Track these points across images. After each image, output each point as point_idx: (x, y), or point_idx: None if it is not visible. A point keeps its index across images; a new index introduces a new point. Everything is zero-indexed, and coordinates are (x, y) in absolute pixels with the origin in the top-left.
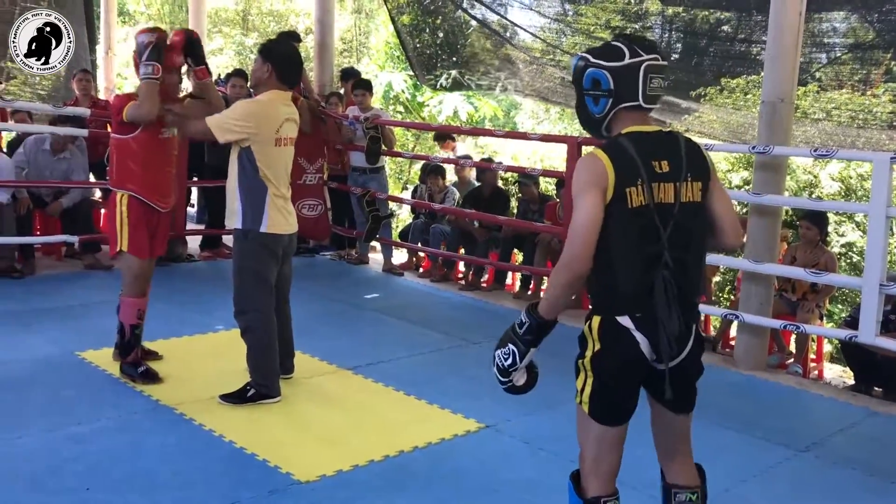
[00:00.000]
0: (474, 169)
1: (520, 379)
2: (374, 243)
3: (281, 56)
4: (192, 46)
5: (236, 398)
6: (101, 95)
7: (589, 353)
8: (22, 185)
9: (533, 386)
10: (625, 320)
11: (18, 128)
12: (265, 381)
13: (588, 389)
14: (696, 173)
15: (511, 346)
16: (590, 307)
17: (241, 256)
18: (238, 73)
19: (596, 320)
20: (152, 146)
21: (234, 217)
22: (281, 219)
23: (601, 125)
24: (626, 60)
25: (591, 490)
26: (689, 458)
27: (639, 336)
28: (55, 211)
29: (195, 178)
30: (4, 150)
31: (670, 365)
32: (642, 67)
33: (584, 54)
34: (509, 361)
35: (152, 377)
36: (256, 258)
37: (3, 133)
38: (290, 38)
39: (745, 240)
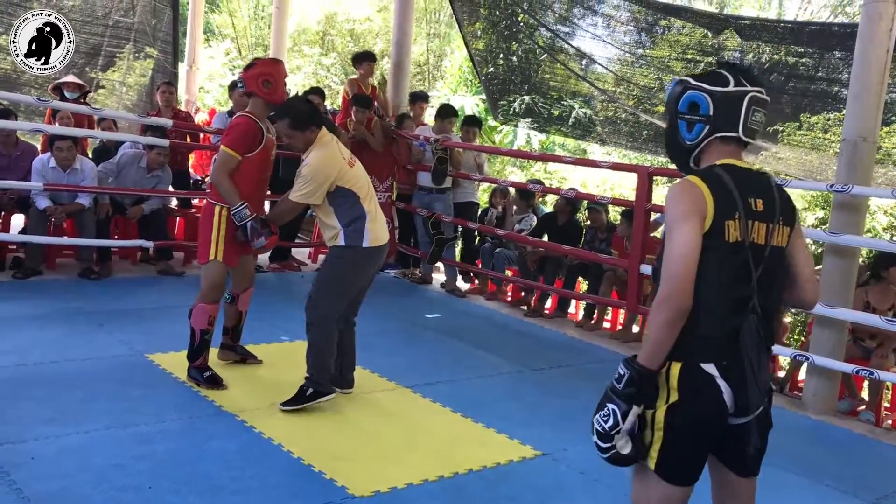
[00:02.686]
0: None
1: (625, 446)
2: (438, 263)
3: (289, 109)
4: None
5: (296, 402)
6: (183, 107)
7: (662, 404)
8: (106, 191)
9: (642, 455)
10: (710, 367)
11: (104, 135)
12: (321, 376)
13: (658, 444)
14: (787, 218)
15: (611, 406)
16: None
17: (333, 266)
18: (315, 91)
19: (676, 367)
20: (262, 165)
21: (333, 238)
22: (379, 230)
23: (691, 154)
24: (731, 87)
25: None
26: None
27: (723, 385)
28: (135, 215)
29: (268, 192)
30: (90, 156)
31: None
32: (747, 97)
33: (683, 78)
34: (610, 423)
35: (217, 382)
36: (352, 268)
37: (89, 140)
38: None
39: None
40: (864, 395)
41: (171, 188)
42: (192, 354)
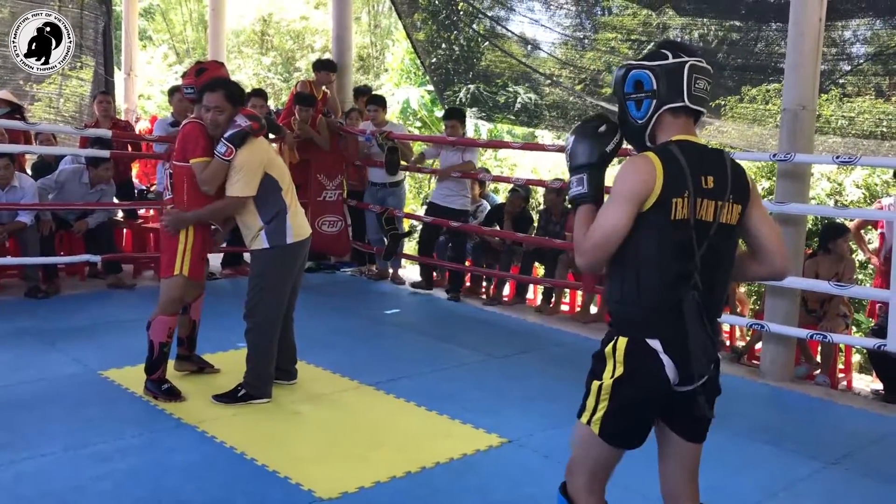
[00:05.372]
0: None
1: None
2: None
3: (226, 82)
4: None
5: (228, 398)
6: (122, 116)
7: (608, 376)
8: (47, 207)
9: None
10: (655, 343)
11: (42, 150)
12: (259, 381)
13: (601, 412)
14: (738, 196)
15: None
16: (612, 326)
17: (263, 269)
18: (257, 93)
19: (622, 342)
20: (222, 175)
21: (258, 239)
22: (302, 224)
23: (644, 132)
24: (670, 60)
25: None
26: (694, 500)
27: (666, 359)
28: (81, 229)
29: None
30: (29, 172)
31: (693, 387)
32: (687, 66)
33: (625, 62)
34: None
35: (174, 395)
36: (281, 268)
37: (27, 156)
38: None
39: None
40: (819, 359)
41: (115, 200)
42: (150, 367)
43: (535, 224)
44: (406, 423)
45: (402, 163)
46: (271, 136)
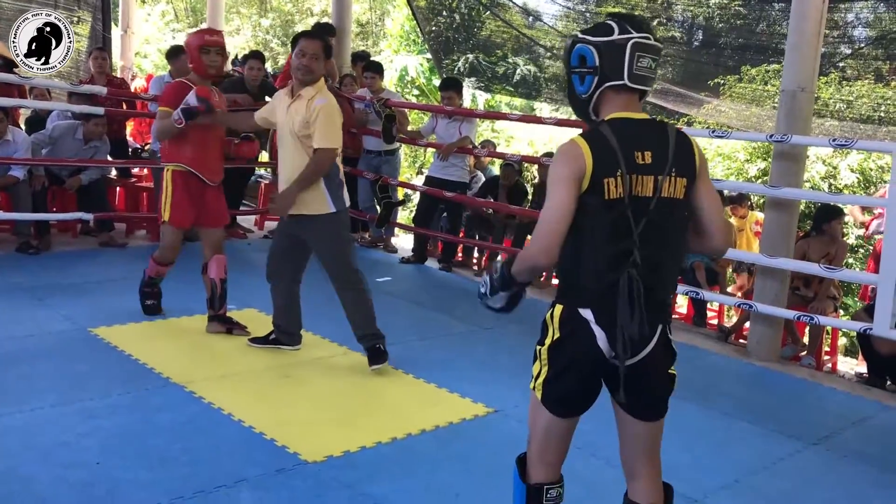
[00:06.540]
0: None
1: (496, 303)
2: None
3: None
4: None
5: (381, 359)
6: (118, 74)
7: (548, 341)
8: (40, 162)
9: (509, 311)
10: (586, 312)
11: (36, 104)
12: (379, 332)
13: (542, 377)
14: (682, 169)
15: (487, 278)
16: (556, 294)
17: (338, 233)
18: (255, 55)
19: (558, 309)
20: (201, 126)
21: (318, 203)
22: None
23: (588, 106)
24: (615, 36)
25: (534, 476)
26: (652, 478)
27: (597, 330)
28: (74, 186)
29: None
30: (22, 126)
31: (628, 364)
32: (629, 44)
33: (573, 33)
34: (482, 290)
35: (152, 311)
36: (347, 226)
37: (21, 110)
38: (324, 31)
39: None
40: (806, 340)
41: (109, 158)
42: (139, 292)
43: (529, 198)
44: (393, 391)
45: (399, 134)
46: (267, 98)
